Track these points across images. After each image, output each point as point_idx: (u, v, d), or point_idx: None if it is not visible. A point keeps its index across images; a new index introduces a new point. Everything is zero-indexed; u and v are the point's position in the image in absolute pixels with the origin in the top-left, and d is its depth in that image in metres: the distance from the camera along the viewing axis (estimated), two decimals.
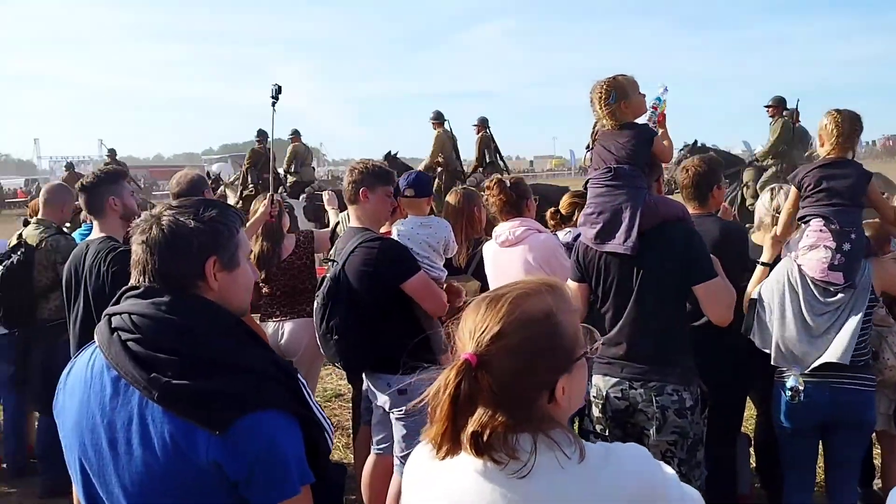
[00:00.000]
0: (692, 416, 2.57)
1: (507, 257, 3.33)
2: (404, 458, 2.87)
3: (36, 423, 4.61)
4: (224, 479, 1.27)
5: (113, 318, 1.38)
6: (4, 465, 4.56)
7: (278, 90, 4.49)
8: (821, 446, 3.01)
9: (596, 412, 2.71)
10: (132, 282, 1.42)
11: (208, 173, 12.77)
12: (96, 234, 3.18)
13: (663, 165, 2.99)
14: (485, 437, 1.14)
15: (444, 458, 1.18)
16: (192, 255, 1.38)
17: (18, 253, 4.03)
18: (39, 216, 4.28)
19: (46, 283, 4.04)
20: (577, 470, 1.14)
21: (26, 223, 4.29)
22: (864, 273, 2.79)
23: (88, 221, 4.32)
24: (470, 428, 1.15)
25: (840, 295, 2.76)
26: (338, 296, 3.05)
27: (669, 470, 1.22)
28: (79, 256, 3.13)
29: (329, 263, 3.24)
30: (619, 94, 2.69)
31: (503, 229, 3.38)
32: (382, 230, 3.34)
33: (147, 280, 1.39)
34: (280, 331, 4.10)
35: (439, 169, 10.88)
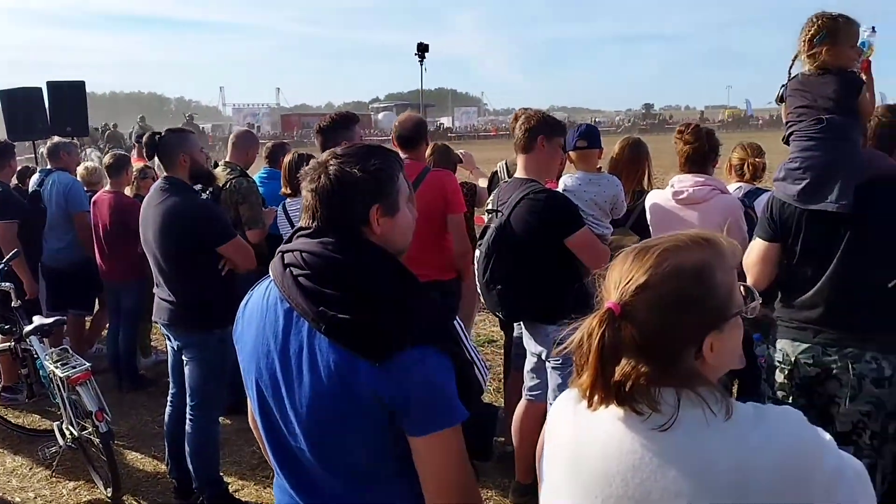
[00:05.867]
0: (890, 386, 2.39)
1: (683, 216, 3.13)
2: None
3: None
4: (383, 408, 1.35)
5: (286, 255, 1.47)
6: None
7: (424, 48, 4.54)
8: None
9: (780, 378, 2.58)
10: (301, 223, 1.50)
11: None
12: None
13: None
14: (627, 387, 1.12)
15: (596, 408, 1.16)
16: (357, 203, 1.44)
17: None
18: (227, 159, 4.60)
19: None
20: (723, 427, 1.08)
21: (216, 165, 4.63)
22: None
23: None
24: (614, 377, 1.13)
25: None
26: (502, 246, 3.06)
27: (826, 436, 1.12)
28: None
29: (492, 214, 3.21)
30: (828, 37, 2.42)
31: (684, 185, 3.16)
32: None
33: (316, 223, 1.46)
34: None
35: None
